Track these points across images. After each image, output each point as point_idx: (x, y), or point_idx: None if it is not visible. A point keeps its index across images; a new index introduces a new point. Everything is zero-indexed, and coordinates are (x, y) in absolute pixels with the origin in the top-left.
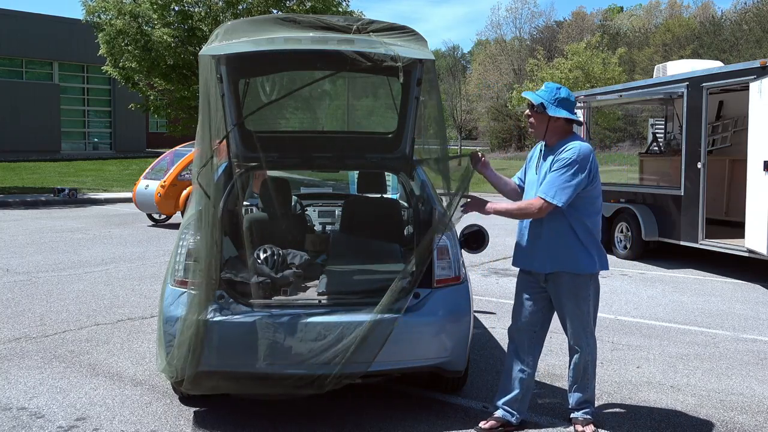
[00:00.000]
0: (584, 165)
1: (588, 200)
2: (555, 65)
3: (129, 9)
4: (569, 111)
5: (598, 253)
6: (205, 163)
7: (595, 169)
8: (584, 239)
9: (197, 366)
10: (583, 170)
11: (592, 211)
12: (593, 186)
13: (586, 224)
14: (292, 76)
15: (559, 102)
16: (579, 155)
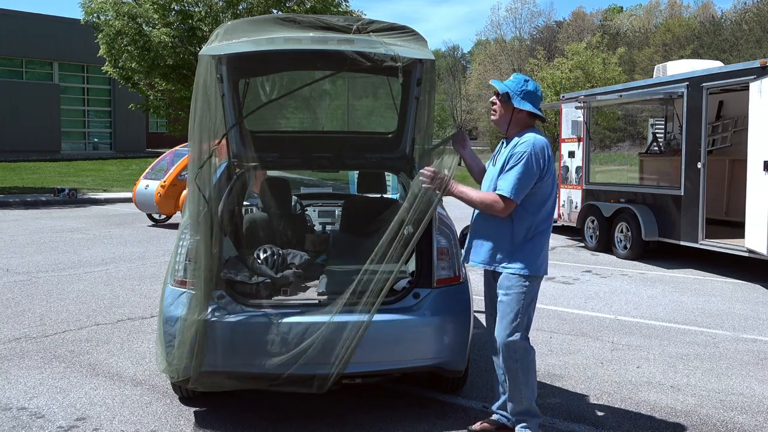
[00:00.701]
0: (537, 159)
1: (532, 197)
2: (555, 65)
3: (127, 10)
4: (534, 105)
5: (532, 255)
6: (203, 163)
7: (548, 164)
8: (521, 238)
9: (200, 366)
10: (537, 165)
11: (537, 210)
12: (543, 182)
13: (527, 222)
14: (292, 76)
15: (525, 94)
16: (533, 149)
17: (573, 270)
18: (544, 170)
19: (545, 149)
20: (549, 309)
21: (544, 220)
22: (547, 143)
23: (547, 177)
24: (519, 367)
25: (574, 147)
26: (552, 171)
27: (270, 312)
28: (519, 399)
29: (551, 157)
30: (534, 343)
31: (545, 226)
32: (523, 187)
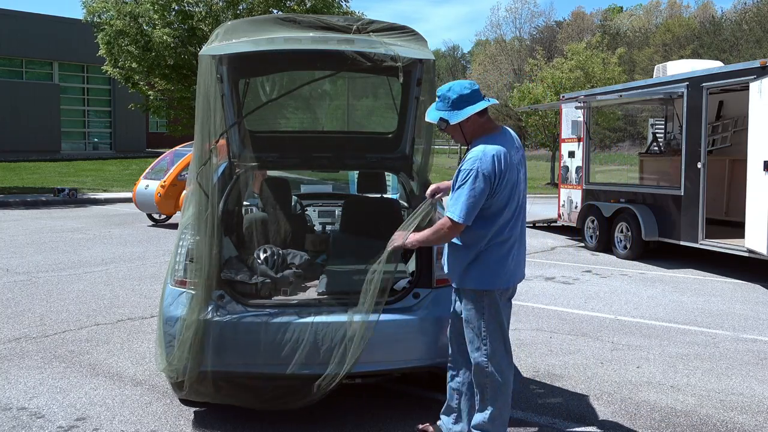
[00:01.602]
0: (486, 176)
1: (484, 211)
2: (555, 65)
3: (129, 10)
4: (471, 103)
5: (486, 269)
6: (205, 162)
7: (501, 178)
8: (474, 252)
9: (199, 366)
10: (486, 182)
11: (491, 223)
12: (497, 196)
13: (479, 236)
14: (292, 76)
15: (455, 103)
16: (480, 165)
17: (573, 270)
18: (497, 184)
19: (496, 161)
20: (549, 309)
21: (499, 232)
22: (498, 153)
23: (501, 190)
24: (489, 383)
25: (574, 147)
26: (510, 181)
27: (270, 312)
28: (483, 413)
29: (508, 165)
30: (534, 343)
31: (503, 237)
32: (473, 207)
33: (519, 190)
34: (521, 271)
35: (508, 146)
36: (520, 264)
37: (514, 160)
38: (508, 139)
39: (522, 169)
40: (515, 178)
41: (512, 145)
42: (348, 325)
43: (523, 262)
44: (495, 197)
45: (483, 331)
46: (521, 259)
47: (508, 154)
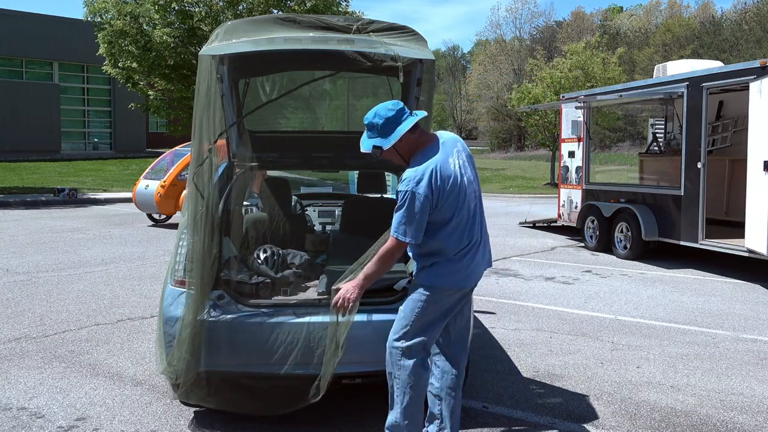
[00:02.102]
0: (422, 195)
1: (433, 227)
2: (555, 65)
3: (130, 10)
4: (399, 123)
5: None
6: (202, 162)
7: (441, 192)
8: (426, 260)
9: (197, 367)
10: (423, 200)
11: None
12: (440, 212)
13: (427, 247)
14: (292, 76)
15: (383, 128)
16: (414, 186)
17: (573, 270)
18: (437, 199)
19: (432, 178)
20: (549, 309)
21: (456, 243)
22: (434, 168)
23: (444, 202)
24: (395, 378)
25: (574, 147)
26: (453, 190)
27: (269, 312)
28: (393, 410)
29: (446, 176)
30: (534, 343)
31: (460, 247)
32: (416, 225)
33: (467, 195)
34: (479, 272)
35: (445, 154)
36: (478, 265)
37: (454, 168)
38: (446, 147)
39: (467, 171)
40: (459, 185)
41: (451, 152)
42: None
43: (483, 262)
44: (439, 211)
45: (412, 321)
46: (481, 260)
47: (445, 163)
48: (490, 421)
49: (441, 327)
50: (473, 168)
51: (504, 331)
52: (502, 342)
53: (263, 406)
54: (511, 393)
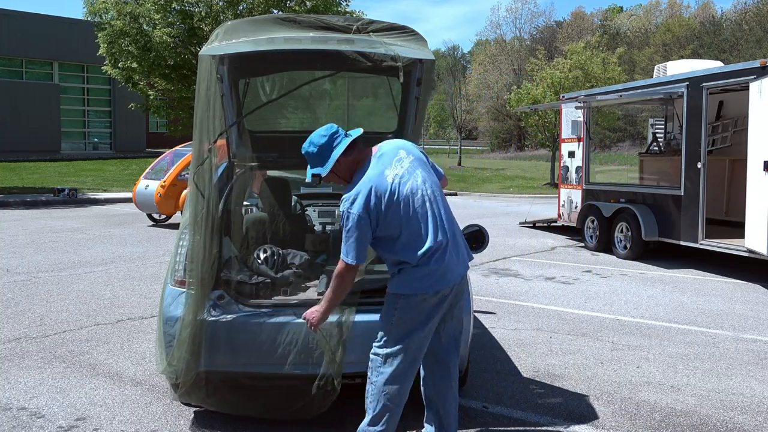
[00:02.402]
0: (354, 213)
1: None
2: (555, 65)
3: (130, 10)
4: (332, 147)
5: (406, 277)
6: (202, 162)
7: (381, 210)
8: (394, 270)
9: (197, 367)
10: (359, 220)
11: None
12: (383, 227)
13: (390, 259)
14: (292, 76)
15: (319, 155)
16: (352, 207)
17: (573, 270)
18: (376, 217)
19: (366, 198)
20: (549, 309)
21: (421, 251)
22: (371, 185)
23: (386, 217)
24: (372, 384)
25: (574, 147)
26: (392, 205)
27: (269, 312)
28: (368, 414)
29: (382, 194)
30: (534, 343)
31: (424, 252)
32: (360, 246)
33: (414, 203)
34: (455, 273)
35: (381, 168)
36: (451, 266)
37: (392, 180)
38: (383, 160)
39: (412, 178)
40: (398, 197)
41: (389, 163)
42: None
43: (458, 261)
44: (383, 227)
45: (390, 330)
46: (455, 259)
47: (380, 178)
48: (490, 421)
49: (426, 332)
50: (426, 169)
51: (504, 331)
52: (502, 342)
53: (262, 409)
54: (511, 393)
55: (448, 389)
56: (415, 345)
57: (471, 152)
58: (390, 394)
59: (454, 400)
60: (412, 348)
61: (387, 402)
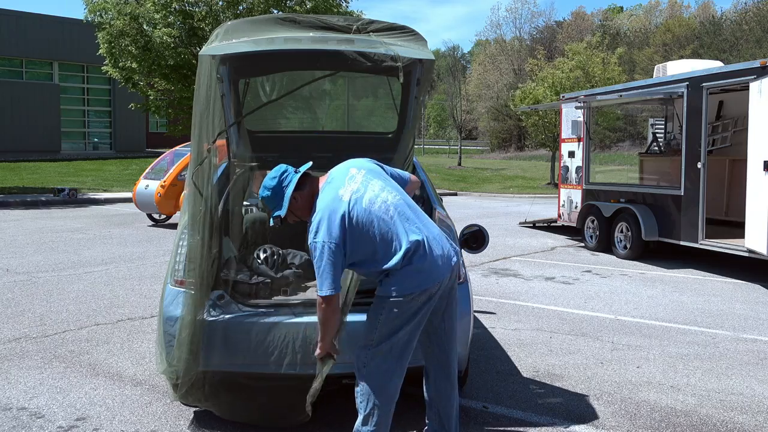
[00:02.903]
0: (318, 242)
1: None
2: (555, 65)
3: (130, 10)
4: (283, 187)
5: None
6: (201, 161)
7: (339, 231)
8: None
9: (196, 367)
10: (327, 247)
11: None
12: (355, 251)
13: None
14: (292, 76)
15: (274, 198)
16: (311, 237)
17: (573, 270)
18: (345, 238)
19: (332, 223)
20: (549, 309)
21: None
22: (329, 214)
23: (354, 239)
24: (360, 384)
25: (574, 147)
26: (357, 226)
27: (269, 312)
28: (359, 415)
29: (340, 219)
30: (534, 343)
31: (395, 262)
32: (334, 274)
33: (378, 215)
34: (441, 269)
35: (333, 194)
36: (437, 263)
37: (348, 201)
38: (334, 185)
39: (368, 190)
40: (358, 216)
41: (341, 183)
42: (350, 325)
43: (442, 257)
44: (355, 251)
45: (376, 330)
46: (438, 254)
47: (334, 203)
48: (490, 421)
49: (411, 329)
50: (382, 178)
51: (504, 331)
52: (502, 342)
53: (258, 415)
54: (511, 393)
55: (449, 390)
56: (401, 342)
57: (471, 152)
58: (379, 393)
59: (455, 401)
60: (398, 345)
61: (376, 401)
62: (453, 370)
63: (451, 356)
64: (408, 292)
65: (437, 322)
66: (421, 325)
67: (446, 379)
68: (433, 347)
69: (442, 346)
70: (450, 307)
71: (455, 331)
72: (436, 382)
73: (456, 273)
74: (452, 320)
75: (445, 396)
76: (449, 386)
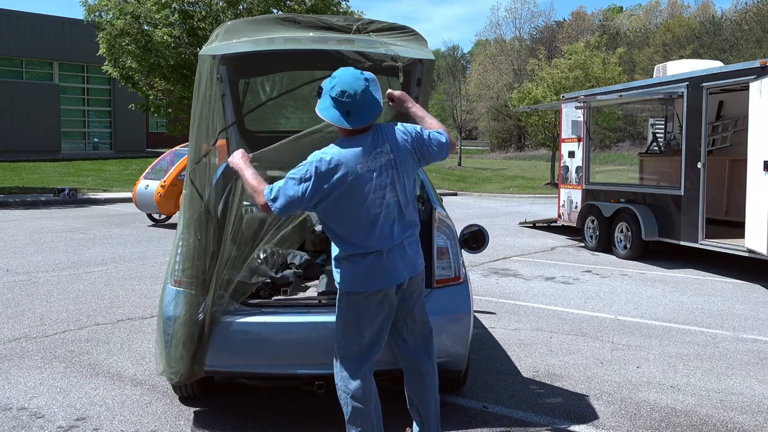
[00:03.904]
0: (311, 171)
1: (324, 217)
2: (555, 65)
3: (131, 9)
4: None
5: (350, 270)
6: (198, 160)
7: (330, 186)
8: (339, 255)
9: (194, 366)
10: (308, 179)
11: (336, 234)
12: (325, 204)
13: (337, 243)
14: (292, 76)
15: (329, 97)
16: (313, 159)
17: (573, 270)
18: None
19: (316, 164)
20: (549, 309)
21: (361, 244)
22: (331, 162)
23: (334, 197)
24: (339, 390)
25: (574, 147)
26: (343, 191)
27: (269, 312)
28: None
29: (346, 174)
30: (534, 343)
31: (363, 249)
32: (284, 198)
33: (375, 199)
34: (398, 274)
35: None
36: (391, 269)
37: (364, 168)
38: (369, 145)
39: (383, 176)
40: (366, 190)
41: (371, 151)
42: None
43: (401, 264)
44: (332, 204)
45: (340, 329)
46: (395, 262)
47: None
48: (490, 421)
49: (374, 331)
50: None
51: (504, 331)
52: (502, 342)
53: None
54: (511, 393)
55: (425, 391)
56: (364, 342)
57: (471, 152)
58: (354, 395)
59: (434, 402)
60: (362, 345)
61: (354, 403)
62: (429, 373)
63: (424, 359)
64: (361, 289)
65: (404, 325)
66: (383, 329)
67: (420, 381)
68: (404, 350)
69: (414, 349)
70: (415, 310)
71: (428, 333)
72: (410, 382)
73: (421, 279)
74: (422, 324)
75: (420, 396)
76: (423, 387)
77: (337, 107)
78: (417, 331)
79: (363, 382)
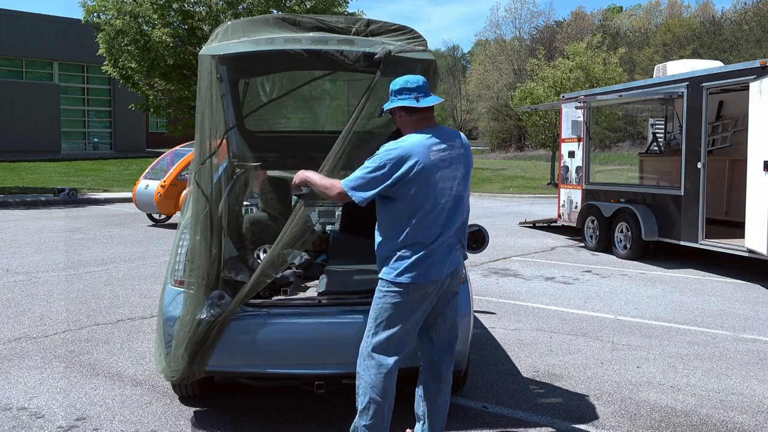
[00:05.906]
0: (385, 161)
1: (391, 207)
2: (556, 65)
3: (129, 9)
4: (400, 98)
5: (400, 262)
6: (203, 161)
7: (402, 174)
8: (390, 248)
9: (194, 366)
10: (383, 167)
11: (402, 225)
12: (396, 192)
13: (395, 235)
14: (292, 76)
15: (393, 93)
16: (385, 150)
17: (573, 270)
18: (397, 177)
19: (397, 152)
20: (549, 309)
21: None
22: (404, 149)
23: (404, 189)
24: (360, 378)
25: (574, 147)
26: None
27: (270, 312)
28: (358, 419)
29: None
30: (534, 343)
31: (421, 239)
32: (364, 186)
33: (442, 192)
34: (441, 270)
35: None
36: (436, 264)
37: (438, 158)
38: (441, 138)
39: (453, 168)
40: (435, 178)
41: (444, 143)
42: (350, 325)
43: (446, 260)
44: (397, 190)
45: (375, 320)
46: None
47: (428, 150)
48: (490, 421)
49: (408, 327)
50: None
51: (504, 331)
52: (502, 342)
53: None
54: (511, 393)
55: (437, 392)
56: (397, 337)
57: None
58: (376, 387)
59: (444, 404)
60: (394, 340)
61: (373, 395)
62: (446, 374)
63: (445, 360)
64: (405, 282)
65: (434, 324)
66: (416, 325)
67: (437, 381)
68: (428, 348)
69: (437, 349)
70: (448, 309)
71: (454, 336)
72: (426, 382)
73: (458, 276)
74: (451, 325)
75: (432, 397)
76: (439, 388)
77: (406, 96)
78: (445, 331)
79: (386, 378)
